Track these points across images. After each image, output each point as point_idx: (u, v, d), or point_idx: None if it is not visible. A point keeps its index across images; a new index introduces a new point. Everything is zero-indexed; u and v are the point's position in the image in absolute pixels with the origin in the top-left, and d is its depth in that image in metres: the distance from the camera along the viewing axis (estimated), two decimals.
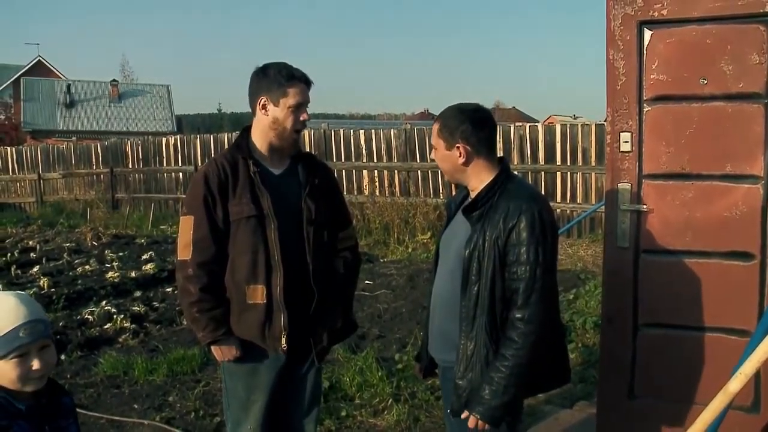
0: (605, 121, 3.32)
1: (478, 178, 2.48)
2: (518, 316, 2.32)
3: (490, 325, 2.37)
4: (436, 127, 2.51)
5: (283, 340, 2.76)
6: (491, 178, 2.46)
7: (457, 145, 2.44)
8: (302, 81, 2.77)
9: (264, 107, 2.77)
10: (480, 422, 2.38)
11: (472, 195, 2.52)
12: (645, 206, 3.23)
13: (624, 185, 3.25)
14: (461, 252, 2.43)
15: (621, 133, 3.23)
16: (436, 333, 2.61)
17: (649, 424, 3.29)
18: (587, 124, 11.44)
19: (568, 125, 11.91)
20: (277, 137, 2.80)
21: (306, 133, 14.58)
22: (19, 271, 9.16)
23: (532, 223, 2.33)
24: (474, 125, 2.44)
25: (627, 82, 3.20)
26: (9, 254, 10.32)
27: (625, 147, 3.23)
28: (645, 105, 3.19)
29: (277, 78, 2.73)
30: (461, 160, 2.46)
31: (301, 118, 2.78)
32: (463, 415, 2.44)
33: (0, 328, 1.85)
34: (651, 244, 3.23)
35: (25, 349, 1.87)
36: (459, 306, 2.44)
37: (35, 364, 1.88)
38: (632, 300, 3.28)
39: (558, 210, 11.29)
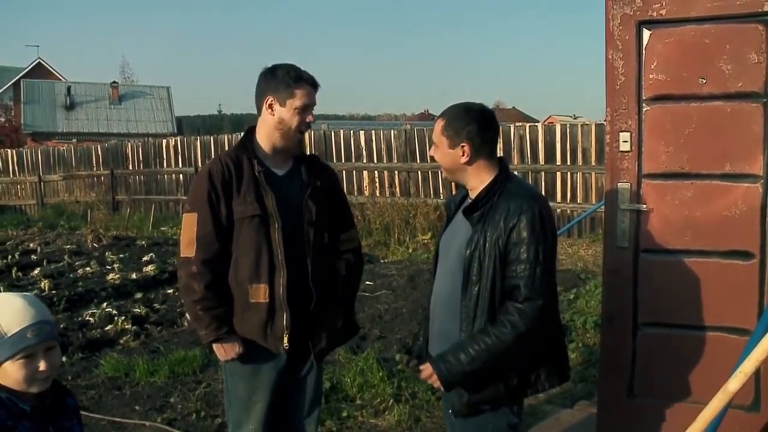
0: (605, 120, 3.33)
1: (478, 178, 2.49)
2: (514, 306, 2.35)
3: (490, 325, 2.37)
4: (440, 124, 2.50)
5: (285, 340, 2.77)
6: (491, 179, 2.48)
7: (462, 144, 2.45)
8: (309, 83, 2.79)
9: (270, 107, 2.79)
10: (433, 376, 2.42)
11: (472, 195, 2.53)
12: (644, 206, 3.23)
13: (623, 185, 3.25)
14: (462, 252, 2.44)
15: (620, 133, 3.24)
16: (436, 333, 2.62)
17: (648, 423, 3.29)
18: (587, 124, 11.46)
19: (568, 125, 11.94)
20: (281, 137, 2.82)
21: (306, 133, 14.55)
22: (20, 273, 9.15)
23: (532, 223, 2.35)
24: (480, 126, 2.46)
25: (626, 81, 3.20)
26: (10, 256, 10.32)
27: (625, 147, 3.23)
28: (644, 105, 3.20)
29: (285, 79, 2.75)
30: (464, 159, 2.47)
31: (307, 120, 2.81)
32: (422, 366, 2.49)
33: (7, 329, 1.86)
34: (651, 243, 3.24)
35: (32, 351, 1.88)
36: (459, 306, 2.45)
37: (41, 366, 1.89)
38: (632, 299, 3.29)
39: (558, 210, 11.30)
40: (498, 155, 2.56)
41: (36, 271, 9.21)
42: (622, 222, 3.27)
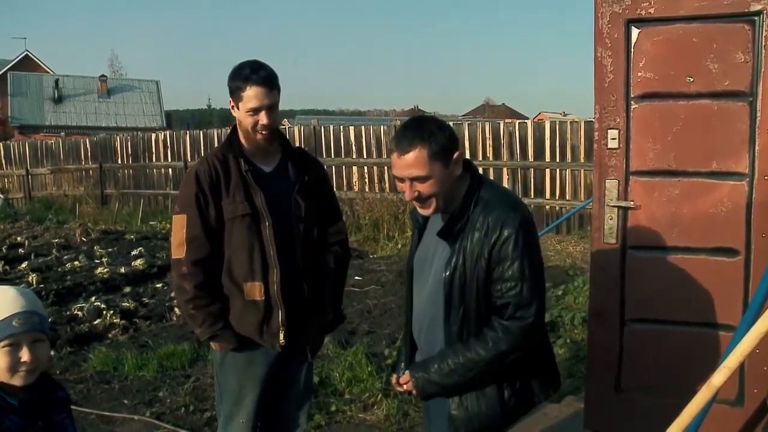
0: (593, 118, 3.35)
1: (459, 190, 2.28)
2: (500, 322, 2.22)
3: (474, 339, 2.25)
4: (423, 153, 2.18)
5: (281, 336, 2.78)
6: (465, 188, 2.29)
7: (455, 153, 2.24)
8: (259, 83, 2.67)
9: (233, 108, 2.79)
10: (411, 385, 2.34)
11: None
12: (632, 203, 3.26)
13: (611, 182, 3.28)
14: (440, 276, 2.28)
15: (608, 130, 3.26)
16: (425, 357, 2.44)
17: (635, 417, 3.33)
18: (576, 121, 11.50)
19: (558, 122, 11.96)
20: (245, 137, 2.81)
21: (296, 129, 14.59)
22: (7, 267, 9.11)
23: (516, 237, 2.17)
24: (450, 130, 2.27)
25: (614, 79, 3.22)
26: None
27: (613, 144, 3.26)
28: (632, 102, 3.22)
29: (236, 80, 2.71)
30: (458, 170, 2.27)
31: (262, 122, 2.71)
32: (403, 377, 2.40)
33: None
34: (638, 240, 3.26)
35: (16, 339, 1.87)
36: (443, 333, 2.31)
37: (24, 356, 1.88)
38: (619, 295, 3.32)
39: (547, 207, 11.35)
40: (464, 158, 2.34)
41: (23, 265, 9.18)
42: (610, 219, 3.30)
